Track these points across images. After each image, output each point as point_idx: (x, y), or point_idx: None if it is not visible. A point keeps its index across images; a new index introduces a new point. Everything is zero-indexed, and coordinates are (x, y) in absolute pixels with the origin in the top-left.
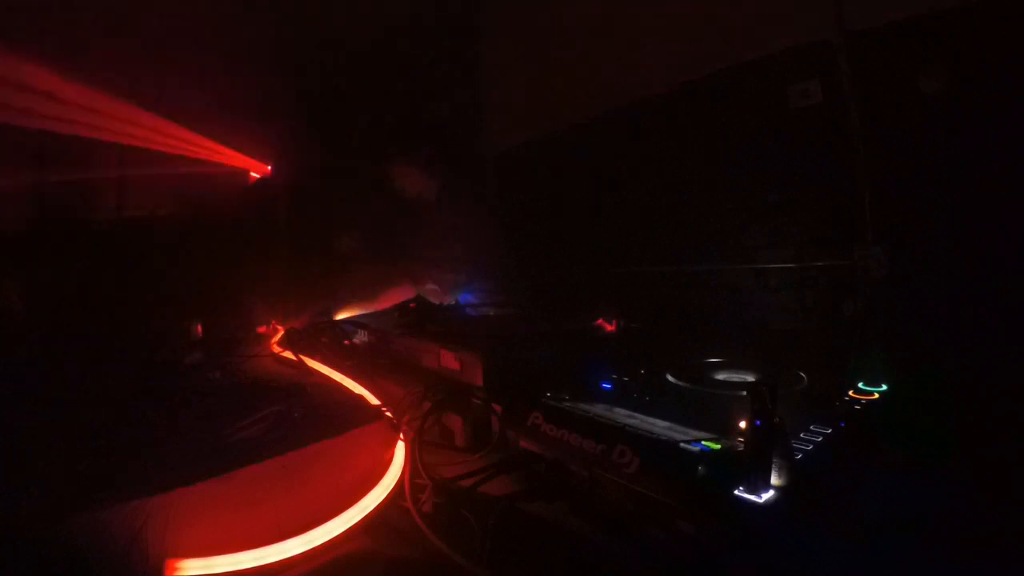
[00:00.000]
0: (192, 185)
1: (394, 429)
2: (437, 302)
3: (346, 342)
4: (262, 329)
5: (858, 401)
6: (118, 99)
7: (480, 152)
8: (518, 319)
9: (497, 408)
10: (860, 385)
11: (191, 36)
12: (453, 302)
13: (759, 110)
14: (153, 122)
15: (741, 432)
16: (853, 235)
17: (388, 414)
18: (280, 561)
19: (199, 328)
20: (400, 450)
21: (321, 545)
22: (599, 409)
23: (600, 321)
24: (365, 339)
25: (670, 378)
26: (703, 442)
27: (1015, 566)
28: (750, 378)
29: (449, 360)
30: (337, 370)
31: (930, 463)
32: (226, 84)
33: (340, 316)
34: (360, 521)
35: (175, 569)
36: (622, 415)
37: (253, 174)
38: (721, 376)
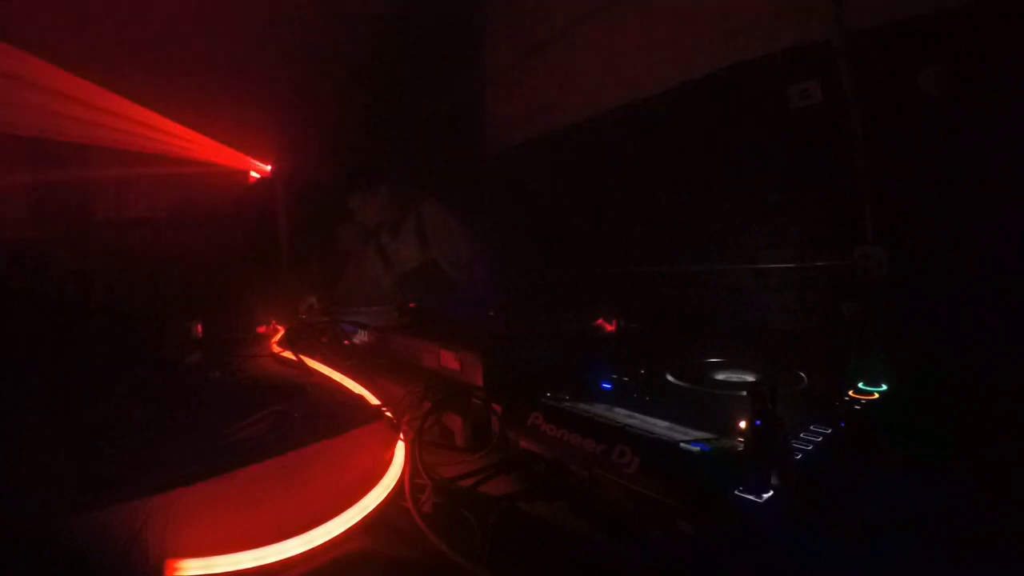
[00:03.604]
0: (192, 185)
1: (394, 429)
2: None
3: (346, 342)
4: (262, 329)
5: (858, 401)
6: (120, 97)
7: (480, 152)
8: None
9: (497, 408)
10: (860, 385)
11: (194, 36)
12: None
13: (759, 110)
14: (154, 121)
15: (741, 432)
16: (853, 235)
17: (388, 414)
18: (280, 561)
19: (199, 328)
20: (400, 450)
21: (321, 545)
22: (599, 409)
23: (600, 321)
24: (365, 339)
25: (670, 378)
26: (703, 442)
27: (1015, 566)
28: (750, 378)
29: (449, 360)
30: (337, 370)
31: (930, 463)
32: (227, 84)
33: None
34: (360, 521)
35: (175, 569)
36: (622, 415)
37: (253, 174)
38: (721, 376)
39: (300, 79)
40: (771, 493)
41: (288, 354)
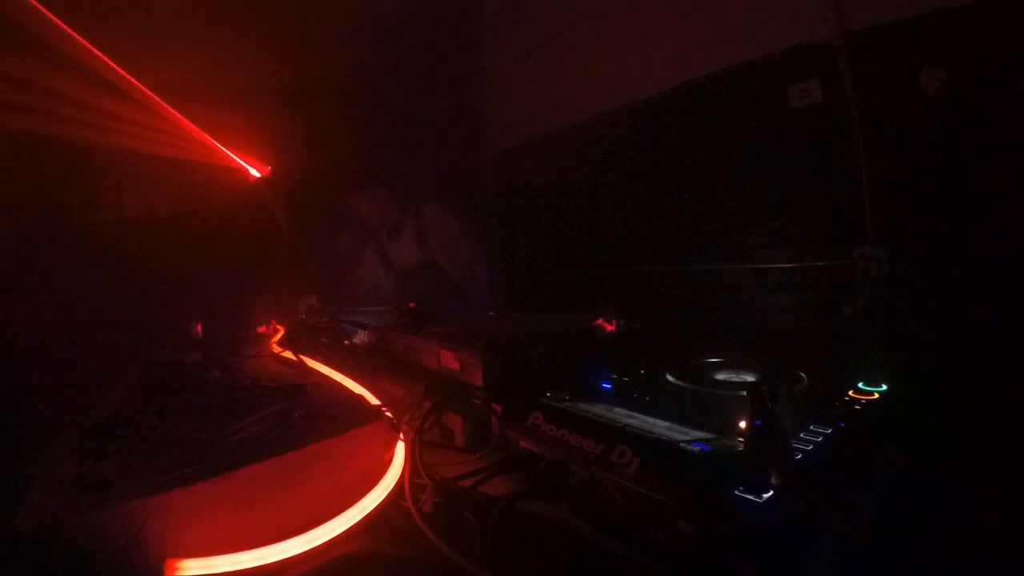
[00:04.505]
0: (192, 185)
1: (394, 429)
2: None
3: (346, 342)
4: (262, 329)
5: (858, 401)
6: (120, 96)
7: (480, 152)
8: (518, 319)
9: (497, 408)
10: (860, 385)
11: (194, 35)
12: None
13: (759, 110)
14: (154, 121)
15: (741, 432)
16: (853, 235)
17: (388, 414)
18: (280, 561)
19: (199, 328)
20: (400, 450)
21: (321, 545)
22: (599, 409)
23: (600, 321)
24: (365, 339)
25: (670, 378)
26: (703, 442)
27: (1015, 566)
28: (750, 378)
29: (449, 360)
30: (337, 370)
31: (930, 463)
32: (227, 84)
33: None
34: (360, 521)
35: (175, 569)
36: (622, 415)
37: (253, 173)
38: (721, 376)
39: (300, 80)
40: (771, 493)
41: (288, 354)
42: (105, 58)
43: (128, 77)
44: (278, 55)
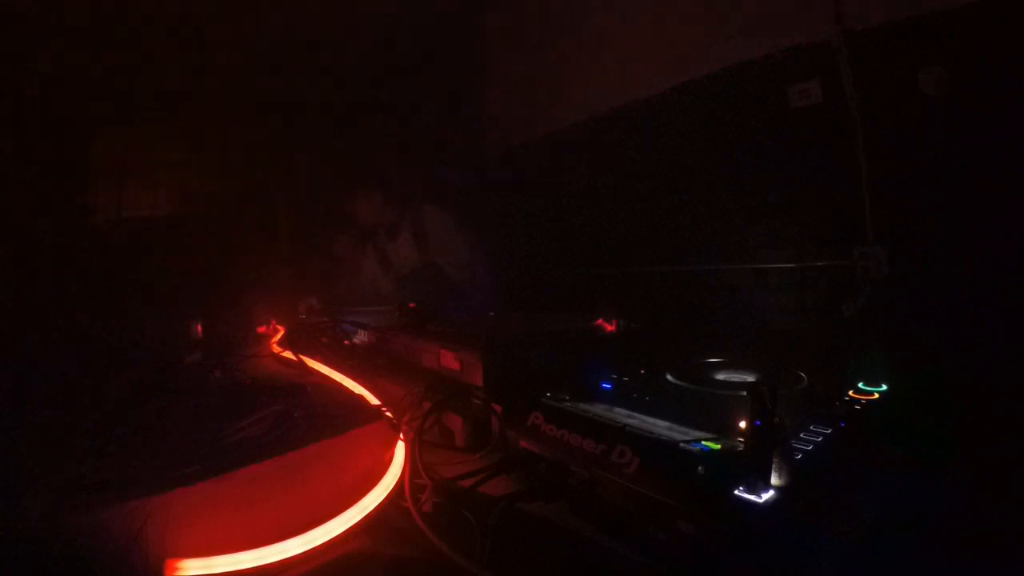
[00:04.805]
0: (192, 185)
1: (394, 429)
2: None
3: (346, 342)
4: (262, 329)
5: (858, 401)
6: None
7: (480, 152)
8: (518, 319)
9: (497, 408)
10: (860, 385)
11: (194, 35)
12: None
13: (759, 110)
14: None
15: (741, 432)
16: (853, 235)
17: (388, 414)
18: (280, 561)
19: (199, 328)
20: (400, 450)
21: (321, 545)
22: (599, 409)
23: (600, 321)
24: (365, 339)
25: (670, 378)
26: (703, 442)
27: (1015, 566)
28: (750, 378)
29: (449, 360)
30: (337, 370)
31: (930, 463)
32: (228, 85)
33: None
34: (360, 521)
35: (175, 569)
36: (622, 415)
37: (253, 173)
38: (721, 376)
39: (301, 80)
40: (771, 493)
41: (288, 354)
42: (104, 58)
43: (128, 77)
44: (279, 56)
